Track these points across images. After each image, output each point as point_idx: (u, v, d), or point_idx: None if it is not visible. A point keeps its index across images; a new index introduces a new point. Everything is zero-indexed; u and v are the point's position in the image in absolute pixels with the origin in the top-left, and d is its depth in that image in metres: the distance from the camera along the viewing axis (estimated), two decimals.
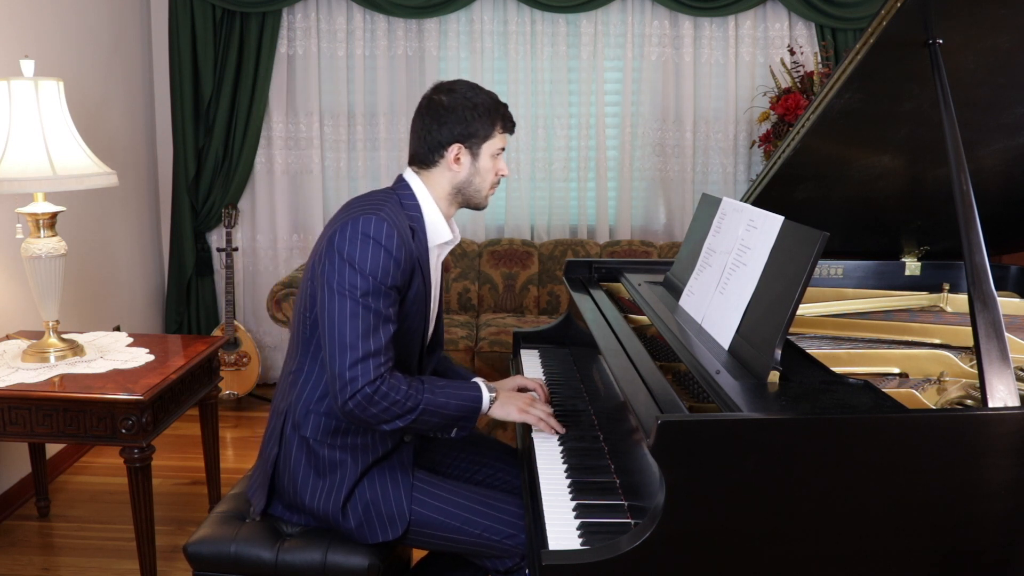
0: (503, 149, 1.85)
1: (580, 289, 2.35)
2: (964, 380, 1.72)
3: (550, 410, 1.87)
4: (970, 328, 1.45)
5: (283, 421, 1.83)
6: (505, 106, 1.85)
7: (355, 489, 1.78)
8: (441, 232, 1.84)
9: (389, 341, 1.69)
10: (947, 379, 1.73)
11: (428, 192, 1.83)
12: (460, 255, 4.28)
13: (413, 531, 1.79)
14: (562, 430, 1.83)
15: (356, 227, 1.68)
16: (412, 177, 1.84)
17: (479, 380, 1.99)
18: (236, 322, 4.16)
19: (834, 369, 1.55)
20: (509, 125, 1.85)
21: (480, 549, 1.79)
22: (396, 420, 1.70)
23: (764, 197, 2.13)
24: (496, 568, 1.82)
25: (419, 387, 1.73)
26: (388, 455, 1.82)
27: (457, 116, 1.78)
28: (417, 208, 1.81)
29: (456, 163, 1.81)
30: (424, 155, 1.82)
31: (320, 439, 1.79)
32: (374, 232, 1.68)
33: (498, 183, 1.88)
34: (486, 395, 1.81)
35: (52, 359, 2.57)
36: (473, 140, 1.80)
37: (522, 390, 1.99)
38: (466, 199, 1.86)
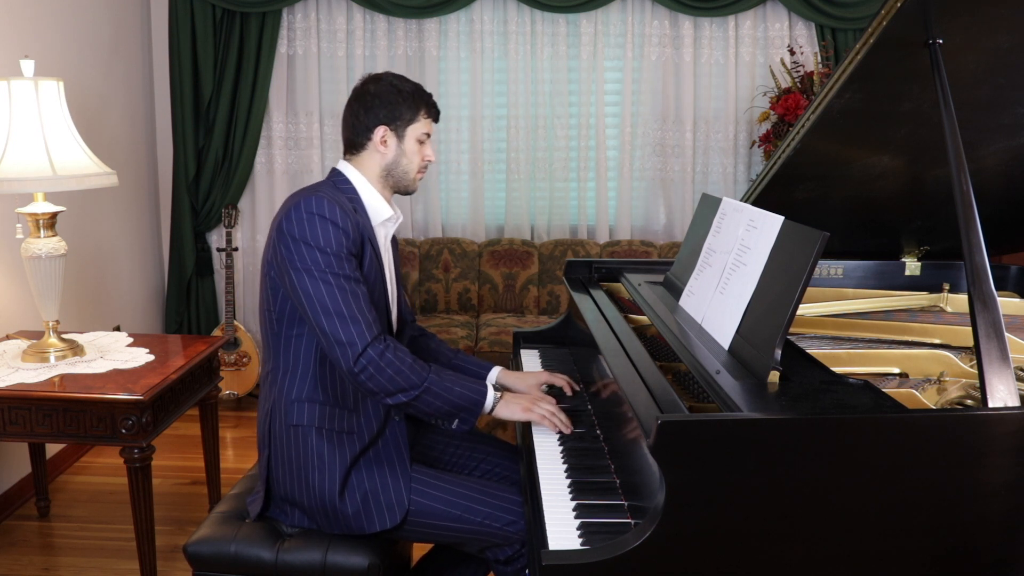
0: (429, 135, 1.93)
1: (580, 289, 2.35)
2: (964, 380, 1.71)
3: (556, 408, 1.87)
4: (970, 328, 1.45)
5: (269, 421, 1.86)
6: (430, 95, 1.94)
7: (350, 476, 1.80)
8: (381, 210, 1.92)
9: (368, 301, 1.77)
10: (947, 379, 1.73)
11: (361, 175, 1.92)
12: (460, 255, 4.28)
13: (413, 522, 1.80)
14: (569, 428, 1.83)
15: (299, 209, 1.77)
16: (344, 165, 1.93)
17: (495, 371, 2.09)
18: (236, 322, 4.16)
19: (834, 369, 1.55)
20: (433, 112, 1.94)
21: (481, 538, 1.80)
22: (400, 393, 1.75)
23: (764, 197, 2.13)
24: (496, 557, 1.83)
25: (425, 366, 1.80)
26: (376, 441, 1.84)
27: (383, 100, 1.88)
28: (353, 191, 1.90)
29: (383, 145, 1.89)
30: (353, 140, 1.91)
31: (308, 423, 1.81)
32: (316, 208, 1.76)
33: (426, 168, 1.96)
34: (491, 392, 1.84)
35: (52, 359, 2.57)
36: (398, 123, 1.89)
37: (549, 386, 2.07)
38: (396, 181, 1.94)
